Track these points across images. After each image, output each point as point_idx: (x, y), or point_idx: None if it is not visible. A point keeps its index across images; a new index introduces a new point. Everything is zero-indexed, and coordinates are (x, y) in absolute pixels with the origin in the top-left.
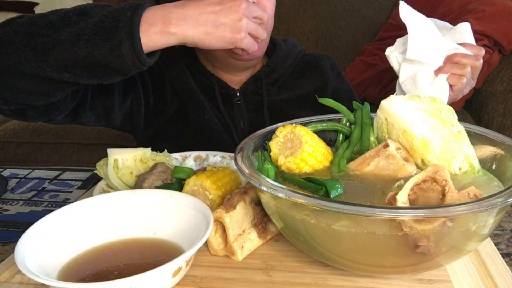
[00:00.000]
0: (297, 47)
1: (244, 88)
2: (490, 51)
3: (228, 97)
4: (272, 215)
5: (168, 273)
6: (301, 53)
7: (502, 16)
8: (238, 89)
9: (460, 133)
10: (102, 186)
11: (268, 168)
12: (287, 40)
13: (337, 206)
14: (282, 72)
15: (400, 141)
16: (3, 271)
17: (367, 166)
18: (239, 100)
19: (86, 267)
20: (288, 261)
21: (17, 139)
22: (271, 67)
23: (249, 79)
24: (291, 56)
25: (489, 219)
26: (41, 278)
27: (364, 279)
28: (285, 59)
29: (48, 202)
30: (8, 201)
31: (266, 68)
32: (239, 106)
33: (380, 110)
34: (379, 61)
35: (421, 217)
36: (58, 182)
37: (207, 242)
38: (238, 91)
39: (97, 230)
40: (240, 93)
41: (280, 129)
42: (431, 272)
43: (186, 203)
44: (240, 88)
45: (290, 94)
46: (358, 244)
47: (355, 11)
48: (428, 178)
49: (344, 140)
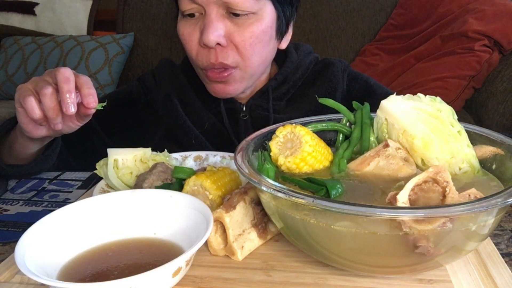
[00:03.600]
0: (311, 54)
1: (251, 103)
2: (490, 51)
3: (233, 112)
4: (272, 215)
5: (168, 273)
6: (313, 62)
7: (502, 16)
8: (244, 104)
9: (460, 133)
10: (102, 186)
11: (268, 168)
12: (299, 47)
13: (337, 206)
14: (292, 85)
15: (400, 141)
16: (3, 271)
17: (367, 166)
18: (245, 116)
19: (86, 267)
20: (288, 261)
21: None
22: (280, 80)
23: (256, 93)
24: (302, 66)
25: (489, 219)
26: (41, 278)
27: (364, 279)
28: (295, 70)
29: (48, 202)
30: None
31: (274, 81)
32: (245, 122)
33: (380, 110)
34: (379, 61)
35: (421, 217)
36: (58, 182)
37: (207, 242)
38: (244, 106)
39: (97, 230)
40: (246, 108)
41: (280, 129)
42: (431, 272)
43: (186, 203)
44: (246, 103)
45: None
46: (358, 244)
47: (355, 11)
48: (429, 179)
49: (344, 140)
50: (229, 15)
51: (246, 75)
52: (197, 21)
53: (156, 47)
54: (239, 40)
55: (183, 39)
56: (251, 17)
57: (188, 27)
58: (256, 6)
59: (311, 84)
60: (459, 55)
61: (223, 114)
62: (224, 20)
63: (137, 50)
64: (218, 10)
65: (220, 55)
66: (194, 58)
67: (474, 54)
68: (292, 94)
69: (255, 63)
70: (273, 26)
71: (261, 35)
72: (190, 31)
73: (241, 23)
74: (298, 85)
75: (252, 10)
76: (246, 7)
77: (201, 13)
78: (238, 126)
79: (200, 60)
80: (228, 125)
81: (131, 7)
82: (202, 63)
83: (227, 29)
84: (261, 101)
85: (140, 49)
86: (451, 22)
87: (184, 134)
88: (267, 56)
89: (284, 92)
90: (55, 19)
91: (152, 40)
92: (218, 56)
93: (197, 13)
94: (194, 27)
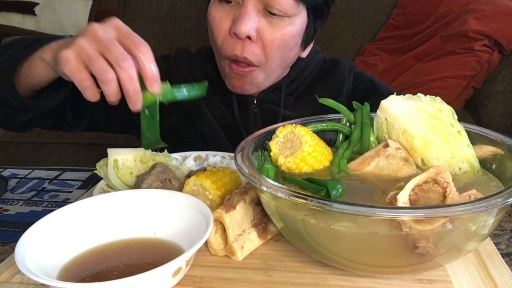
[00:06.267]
0: (318, 54)
1: (262, 97)
2: (490, 51)
3: (244, 104)
4: (272, 215)
5: (168, 273)
6: (321, 61)
7: (502, 16)
8: (255, 96)
9: (460, 133)
10: (102, 186)
11: (268, 168)
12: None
13: (337, 206)
14: (301, 82)
15: (400, 141)
16: (3, 271)
17: (367, 166)
18: (255, 108)
19: (86, 267)
20: (288, 261)
21: (17, 139)
22: (292, 77)
23: (269, 88)
24: (311, 64)
25: (489, 219)
26: (41, 278)
27: (364, 279)
28: (305, 68)
29: (48, 202)
30: (8, 201)
31: (288, 78)
32: (255, 113)
33: (380, 110)
34: (379, 61)
35: (421, 217)
36: (58, 182)
37: (207, 242)
38: (255, 99)
39: (97, 230)
40: (257, 101)
41: (280, 129)
42: (431, 272)
43: (186, 203)
44: (257, 96)
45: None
46: (358, 244)
47: (355, 11)
48: (430, 179)
49: (344, 140)
50: (265, 12)
51: (264, 76)
52: (232, 8)
53: (156, 47)
54: (269, 39)
55: (213, 23)
56: (285, 19)
57: (221, 12)
58: (293, 10)
59: (319, 81)
60: (459, 55)
61: (234, 106)
62: (259, 15)
63: None
64: (257, 4)
65: (247, 49)
66: (219, 45)
67: (474, 54)
68: (301, 91)
69: (276, 64)
70: (301, 34)
71: (290, 40)
72: (223, 17)
73: (274, 23)
74: (307, 82)
75: (289, 13)
76: (284, 8)
77: (238, 2)
78: (247, 117)
79: (225, 49)
80: (238, 117)
81: (131, 7)
82: (227, 52)
83: (260, 24)
84: (273, 96)
85: None
86: (451, 22)
87: (199, 118)
88: (288, 61)
89: (295, 89)
90: (55, 19)
91: (152, 40)
92: (244, 49)
93: (234, 0)
94: (227, 14)
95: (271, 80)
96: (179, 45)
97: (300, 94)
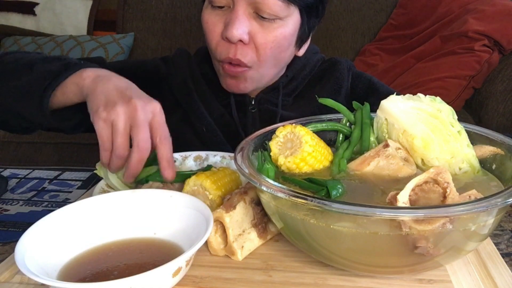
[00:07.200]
0: (317, 54)
1: (260, 97)
2: (490, 51)
3: (242, 104)
4: (272, 215)
5: (168, 273)
6: (320, 61)
7: (502, 16)
8: (253, 97)
9: (460, 133)
10: (102, 186)
11: (268, 168)
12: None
13: (337, 206)
14: (300, 82)
15: (400, 141)
16: (3, 271)
17: (367, 166)
18: (253, 109)
19: (86, 267)
20: (288, 261)
21: (17, 139)
22: (290, 76)
23: (267, 88)
24: (310, 64)
25: (489, 219)
26: (41, 278)
27: (364, 279)
28: (303, 68)
29: (48, 202)
30: (8, 201)
31: (285, 78)
32: (253, 114)
33: (380, 110)
34: (379, 61)
35: (421, 217)
36: (58, 182)
37: (207, 242)
38: (253, 100)
39: (97, 230)
40: (255, 101)
41: (280, 129)
42: (431, 272)
43: (186, 203)
44: (255, 97)
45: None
46: (358, 244)
47: (355, 11)
48: (430, 179)
49: (344, 140)
50: (256, 16)
51: (258, 76)
52: (223, 13)
53: (156, 47)
54: (261, 41)
55: (206, 27)
56: (277, 22)
57: (213, 17)
58: (284, 12)
59: (318, 81)
60: (459, 55)
61: (232, 106)
62: (250, 19)
63: (137, 50)
64: (247, 8)
65: (239, 51)
66: (213, 49)
67: (474, 54)
68: (299, 91)
69: (270, 65)
70: (295, 34)
71: (282, 41)
72: (215, 21)
73: (266, 26)
74: (305, 83)
75: (280, 15)
76: (275, 11)
77: (229, 6)
78: (245, 118)
79: (219, 52)
80: (236, 117)
81: (131, 7)
82: (221, 55)
83: (252, 28)
84: (270, 96)
85: (140, 49)
86: (451, 22)
87: (197, 120)
88: (283, 61)
89: (293, 89)
90: (55, 19)
91: (152, 40)
92: (237, 52)
93: (225, 5)
94: (220, 18)
95: (266, 79)
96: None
97: (298, 95)
